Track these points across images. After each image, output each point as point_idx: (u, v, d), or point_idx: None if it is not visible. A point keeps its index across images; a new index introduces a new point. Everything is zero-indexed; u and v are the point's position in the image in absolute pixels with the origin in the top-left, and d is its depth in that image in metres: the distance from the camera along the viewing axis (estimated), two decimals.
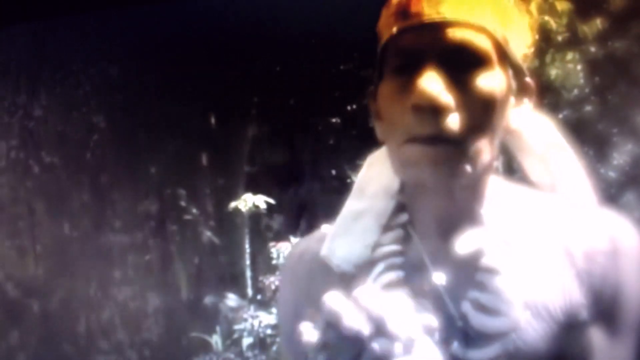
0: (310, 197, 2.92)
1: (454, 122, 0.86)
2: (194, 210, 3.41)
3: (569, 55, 2.72)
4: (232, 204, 3.13)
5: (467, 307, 0.88)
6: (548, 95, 2.72)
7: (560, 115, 2.70)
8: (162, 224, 3.60)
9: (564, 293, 0.89)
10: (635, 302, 0.92)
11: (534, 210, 0.94)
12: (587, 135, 2.64)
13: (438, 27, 0.87)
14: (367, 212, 0.98)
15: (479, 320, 0.88)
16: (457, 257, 0.91)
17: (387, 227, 0.97)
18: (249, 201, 3.07)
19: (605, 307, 0.90)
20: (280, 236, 2.91)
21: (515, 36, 0.93)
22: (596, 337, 0.90)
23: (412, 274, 0.92)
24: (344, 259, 0.95)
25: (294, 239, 2.88)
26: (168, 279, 3.61)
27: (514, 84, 0.92)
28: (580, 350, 0.89)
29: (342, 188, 2.62)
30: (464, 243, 0.90)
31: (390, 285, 0.91)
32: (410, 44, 0.88)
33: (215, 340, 2.95)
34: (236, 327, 3.00)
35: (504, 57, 0.90)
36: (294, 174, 3.04)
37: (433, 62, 0.86)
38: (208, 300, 3.25)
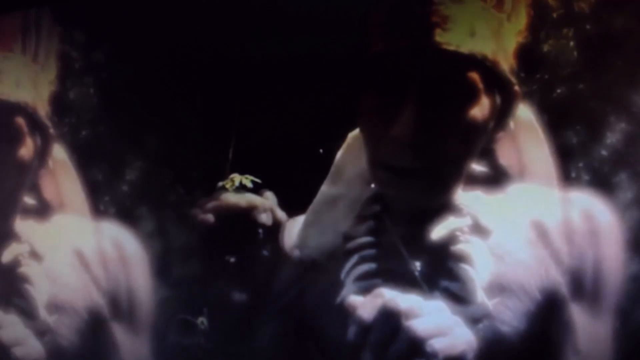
0: (298, 176, 2.88)
1: (429, 156, 0.85)
2: (181, 190, 3.39)
3: (564, 32, 2.69)
4: (220, 184, 3.12)
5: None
6: (541, 71, 2.68)
7: (554, 93, 2.67)
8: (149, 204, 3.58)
9: (540, 272, 0.89)
10: (614, 280, 0.91)
11: (506, 194, 0.93)
12: (580, 113, 2.62)
13: (426, 55, 0.83)
14: (342, 198, 0.97)
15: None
16: (430, 245, 0.89)
17: (360, 218, 0.95)
18: (236, 181, 3.04)
19: (585, 285, 0.89)
20: None
21: (505, 47, 0.89)
22: (578, 314, 0.89)
23: (386, 265, 0.91)
24: (316, 249, 0.94)
25: None
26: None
27: (499, 102, 0.88)
28: (562, 328, 0.88)
29: (329, 167, 2.59)
30: (437, 231, 0.89)
31: (365, 277, 0.89)
32: (397, 67, 0.85)
33: (202, 321, 2.94)
34: None
35: (493, 80, 0.86)
36: (282, 153, 3.01)
37: (416, 92, 0.83)
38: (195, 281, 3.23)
